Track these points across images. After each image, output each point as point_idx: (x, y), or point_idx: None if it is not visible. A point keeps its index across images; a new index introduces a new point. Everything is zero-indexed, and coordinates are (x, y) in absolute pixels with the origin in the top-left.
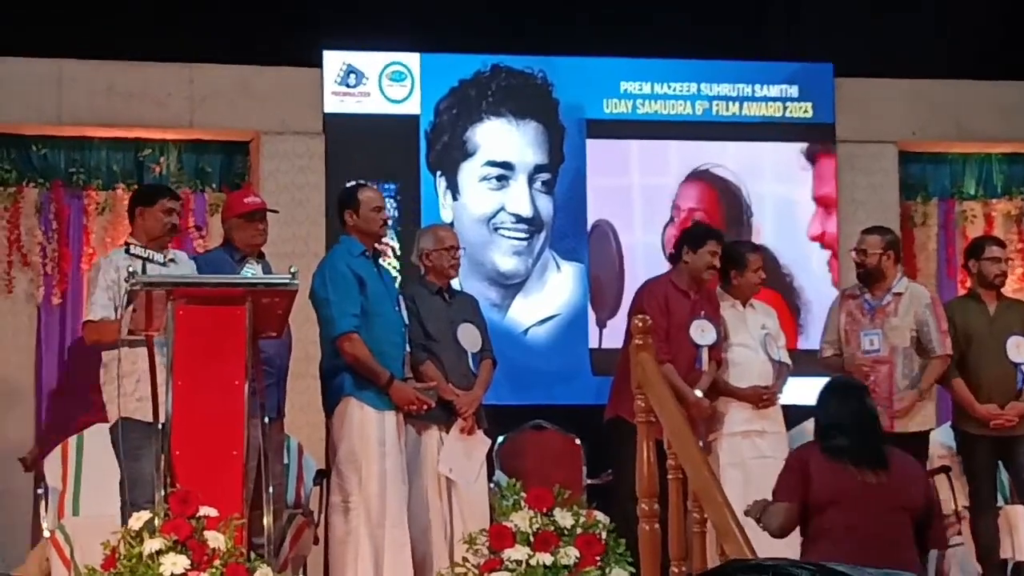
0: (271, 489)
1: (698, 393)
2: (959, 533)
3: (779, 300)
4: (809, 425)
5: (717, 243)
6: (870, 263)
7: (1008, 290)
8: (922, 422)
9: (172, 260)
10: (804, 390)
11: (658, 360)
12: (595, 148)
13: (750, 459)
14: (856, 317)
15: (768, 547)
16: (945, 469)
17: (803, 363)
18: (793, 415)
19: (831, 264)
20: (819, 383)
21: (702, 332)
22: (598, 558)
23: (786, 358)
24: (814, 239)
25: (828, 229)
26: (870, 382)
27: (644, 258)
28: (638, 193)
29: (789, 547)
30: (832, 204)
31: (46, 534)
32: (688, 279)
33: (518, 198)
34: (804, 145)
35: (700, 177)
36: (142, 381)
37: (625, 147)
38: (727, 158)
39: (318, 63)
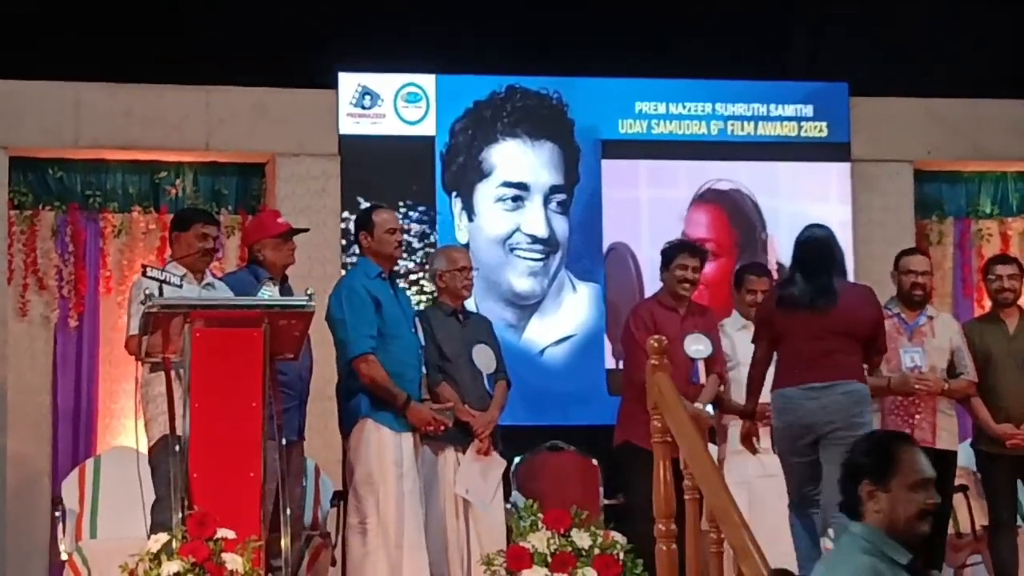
0: (288, 511)
1: (698, 406)
2: (976, 552)
3: None
4: None
5: (689, 255)
6: (927, 283)
7: None
8: (948, 441)
9: (209, 285)
10: None
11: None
12: (610, 168)
13: (755, 478)
14: (893, 336)
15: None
16: (963, 488)
17: None
18: None
19: None
20: None
21: (695, 347)
22: None
23: None
24: None
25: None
26: (918, 401)
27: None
28: (652, 213)
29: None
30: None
31: (64, 556)
32: (671, 296)
33: (534, 219)
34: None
35: (708, 199)
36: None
37: (640, 167)
38: (741, 177)
39: (333, 85)
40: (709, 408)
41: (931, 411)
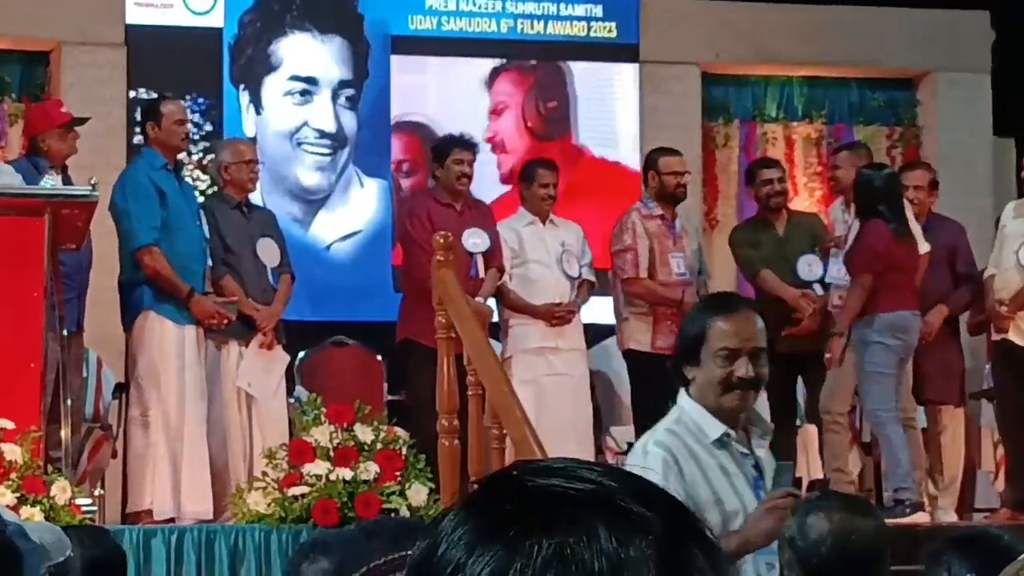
0: (69, 402)
1: (479, 300)
2: None
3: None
4: (610, 343)
5: (462, 150)
6: (686, 182)
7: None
8: None
9: None
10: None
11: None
12: (399, 64)
13: (543, 376)
14: (663, 240)
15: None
16: None
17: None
18: (595, 333)
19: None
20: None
21: (473, 240)
22: (398, 473)
23: (589, 275)
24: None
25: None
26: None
27: None
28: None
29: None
30: None
31: None
32: (447, 192)
33: (321, 113)
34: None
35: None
36: None
37: (429, 64)
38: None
39: None
40: (491, 303)
41: None
